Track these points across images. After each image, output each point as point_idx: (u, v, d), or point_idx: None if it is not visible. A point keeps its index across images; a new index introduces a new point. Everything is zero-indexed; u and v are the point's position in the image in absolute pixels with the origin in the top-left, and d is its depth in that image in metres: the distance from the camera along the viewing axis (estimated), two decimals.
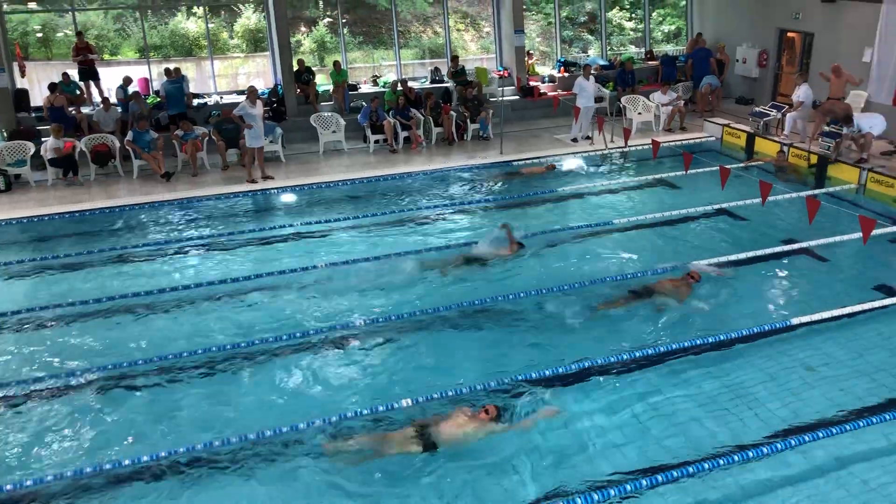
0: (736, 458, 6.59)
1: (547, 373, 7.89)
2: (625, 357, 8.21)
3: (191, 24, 20.14)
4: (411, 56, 20.89)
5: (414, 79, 19.57)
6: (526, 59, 20.44)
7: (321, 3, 20.02)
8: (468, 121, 17.79)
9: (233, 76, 20.01)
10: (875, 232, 9.55)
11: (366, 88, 19.27)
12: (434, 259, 10.94)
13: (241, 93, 17.71)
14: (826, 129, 15.16)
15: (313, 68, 18.97)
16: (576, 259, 11.12)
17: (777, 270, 10.77)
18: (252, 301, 9.95)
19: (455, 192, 14.37)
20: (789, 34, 19.49)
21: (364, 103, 17.99)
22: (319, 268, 10.77)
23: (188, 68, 19.19)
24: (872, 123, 14.33)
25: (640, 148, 15.97)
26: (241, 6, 19.75)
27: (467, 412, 7.01)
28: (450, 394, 7.50)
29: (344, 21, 19.96)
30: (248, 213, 13.59)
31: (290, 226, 12.65)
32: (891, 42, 15.05)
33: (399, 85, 18.10)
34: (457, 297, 9.79)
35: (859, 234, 9.48)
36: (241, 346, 8.66)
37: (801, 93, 16.00)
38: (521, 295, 9.69)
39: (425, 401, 7.38)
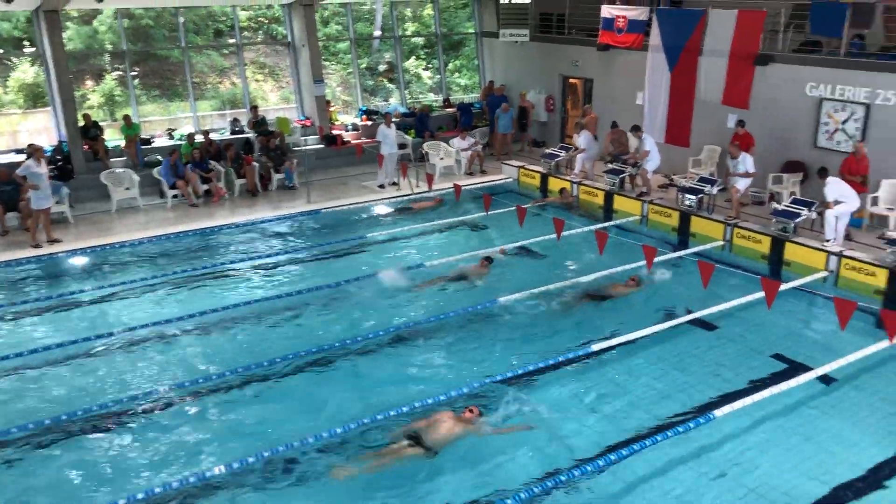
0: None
1: None
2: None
3: None
4: (209, 107, 20.33)
5: (213, 130, 19.02)
6: (327, 107, 20.53)
7: (107, 55, 19.02)
8: (272, 171, 17.51)
9: (11, 134, 18.46)
10: (657, 259, 10.39)
11: (161, 142, 18.48)
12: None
13: (20, 152, 16.38)
14: (610, 166, 16.41)
15: (102, 123, 17.93)
16: (391, 300, 11.22)
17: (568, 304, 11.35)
18: (42, 375, 9.11)
19: (264, 243, 14.02)
20: (571, 80, 21.02)
21: (160, 157, 17.24)
22: (116, 334, 10.11)
23: None
24: (651, 157, 15.64)
25: (444, 191, 16.43)
26: (13, 59, 18.34)
27: (451, 415, 7.77)
28: None
29: (134, 73, 19.10)
30: (33, 279, 12.46)
31: (83, 291, 11.76)
32: (657, 86, 16.62)
33: (197, 136, 17.51)
34: (272, 353, 9.57)
35: (643, 262, 10.25)
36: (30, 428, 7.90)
37: (582, 140, 17.23)
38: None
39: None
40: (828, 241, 12.62)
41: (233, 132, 19.17)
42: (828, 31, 14.81)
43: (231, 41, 20.53)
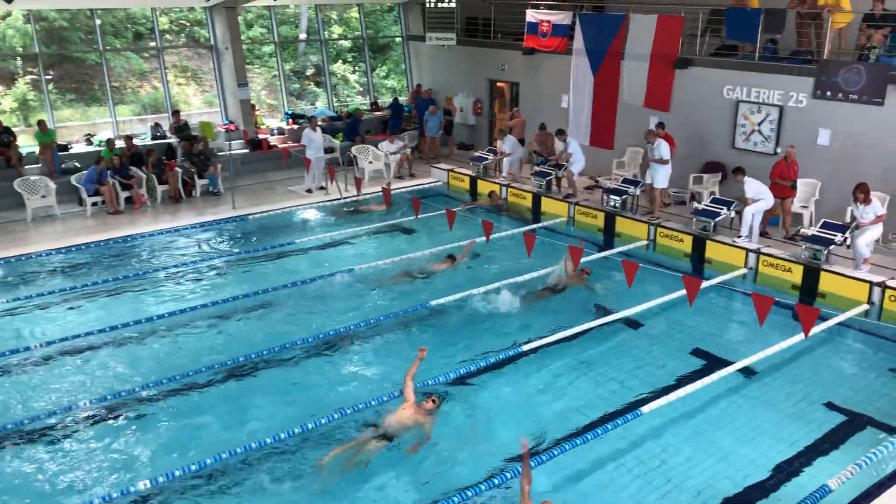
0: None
1: None
2: None
3: None
4: (129, 112, 19.75)
5: (134, 135, 18.47)
6: (252, 112, 20.21)
7: (19, 58, 18.28)
8: (196, 177, 17.13)
9: None
10: (584, 259, 10.56)
11: (79, 148, 17.86)
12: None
13: None
14: (537, 168, 16.61)
15: (16, 129, 17.24)
16: (324, 307, 11.12)
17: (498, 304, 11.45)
18: None
19: (188, 251, 13.69)
20: (499, 84, 21.20)
21: (77, 164, 16.67)
22: (33, 349, 9.74)
23: None
24: (575, 159, 15.89)
25: (373, 195, 16.35)
26: None
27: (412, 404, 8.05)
28: None
29: (49, 77, 18.41)
30: None
31: None
32: (581, 89, 16.90)
33: (118, 142, 16.98)
34: (196, 363, 9.35)
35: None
36: None
37: (507, 146, 17.39)
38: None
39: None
40: (740, 237, 13.05)
41: (154, 137, 18.68)
42: (742, 35, 15.32)
43: (151, 44, 20.00)
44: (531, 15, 18.61)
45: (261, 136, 19.92)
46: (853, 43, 14.22)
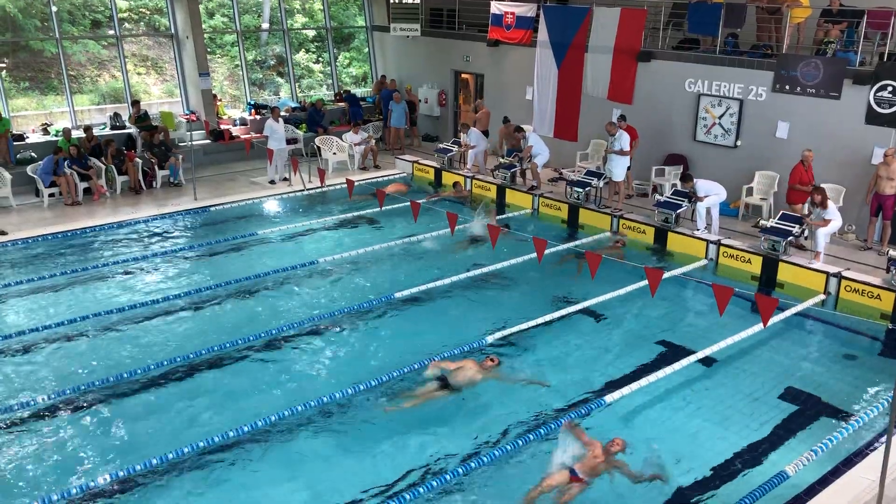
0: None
1: None
2: None
3: None
4: (88, 101, 19.34)
5: (93, 125, 18.10)
6: (214, 102, 19.94)
7: None
8: (156, 167, 16.86)
9: None
10: (547, 251, 10.57)
11: (35, 138, 17.46)
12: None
13: None
14: (502, 161, 16.63)
15: None
16: (284, 301, 11.04)
17: (470, 294, 11.50)
18: None
19: (149, 243, 13.48)
20: (463, 75, 21.19)
21: (33, 154, 16.31)
22: None
23: None
24: (539, 151, 15.94)
25: (338, 187, 16.24)
26: None
27: (474, 363, 8.83)
28: None
29: (2, 66, 17.95)
30: None
31: None
32: (545, 81, 16.97)
33: (75, 132, 16.62)
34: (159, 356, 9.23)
35: (534, 255, 10.42)
36: None
37: (471, 138, 17.38)
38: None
39: None
40: (698, 230, 13.25)
41: (113, 127, 18.34)
42: (704, 29, 15.50)
43: (110, 32, 19.60)
44: (496, 6, 18.61)
45: (223, 127, 19.67)
46: (811, 38, 14.47)
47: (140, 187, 16.52)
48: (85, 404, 8.30)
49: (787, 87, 13.87)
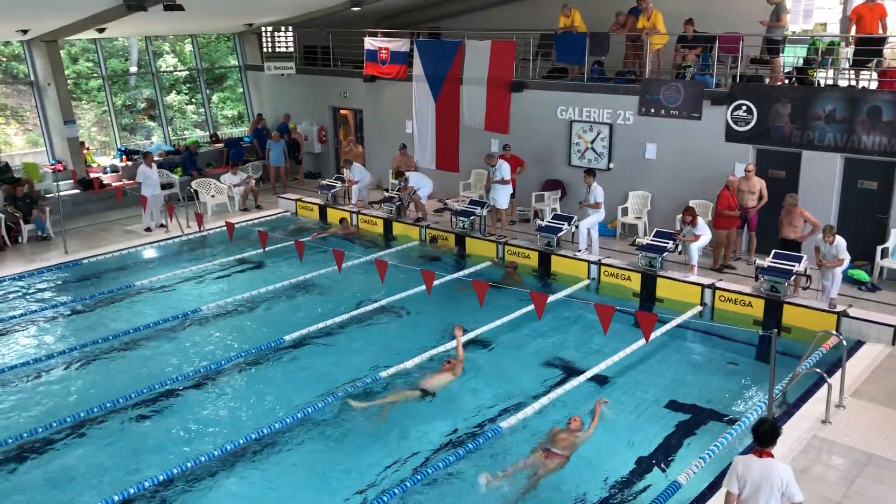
0: None
1: None
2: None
3: None
4: None
5: None
6: (82, 149, 19.06)
7: None
8: (21, 221, 15.92)
9: None
10: (436, 282, 10.63)
11: None
12: None
13: None
14: (385, 194, 16.64)
15: None
16: (161, 355, 10.57)
17: (366, 329, 11.38)
18: None
19: (16, 302, 12.65)
20: (342, 111, 21.16)
21: None
22: None
23: None
24: (422, 184, 16.07)
25: (218, 231, 15.79)
26: None
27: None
28: None
29: None
30: None
31: None
32: (424, 114, 17.19)
33: None
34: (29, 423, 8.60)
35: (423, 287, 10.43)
36: None
37: (355, 173, 17.34)
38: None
39: None
40: (579, 250, 13.65)
41: None
42: (571, 58, 16.11)
43: None
44: (369, 42, 18.72)
45: (92, 175, 18.81)
46: (671, 62, 15.28)
47: (4, 243, 15.55)
48: None
49: (652, 109, 14.57)
